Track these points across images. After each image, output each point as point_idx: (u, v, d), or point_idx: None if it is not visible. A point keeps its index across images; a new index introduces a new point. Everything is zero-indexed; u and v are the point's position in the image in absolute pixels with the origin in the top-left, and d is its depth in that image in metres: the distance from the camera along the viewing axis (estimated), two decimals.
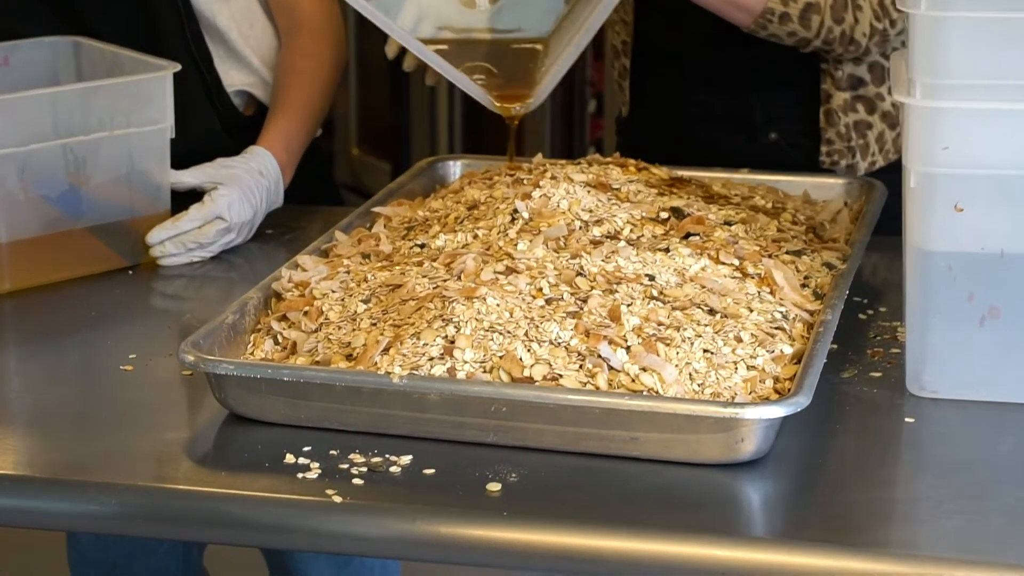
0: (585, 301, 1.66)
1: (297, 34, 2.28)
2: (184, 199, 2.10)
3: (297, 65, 2.26)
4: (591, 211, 1.82)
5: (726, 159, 2.16)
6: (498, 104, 2.07)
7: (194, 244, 2.07)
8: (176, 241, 2.07)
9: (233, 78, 2.30)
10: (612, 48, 2.37)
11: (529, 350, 1.59)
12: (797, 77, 2.19)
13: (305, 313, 1.72)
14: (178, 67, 2.05)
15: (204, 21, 2.27)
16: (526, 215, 1.81)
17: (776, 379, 1.61)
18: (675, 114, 2.27)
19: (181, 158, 2.11)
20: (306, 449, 1.56)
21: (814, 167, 2.20)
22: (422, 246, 1.83)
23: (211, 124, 2.27)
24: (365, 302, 1.72)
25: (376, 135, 4.75)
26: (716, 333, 1.63)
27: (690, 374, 1.58)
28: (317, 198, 2.34)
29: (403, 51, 2.09)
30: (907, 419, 1.64)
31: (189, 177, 2.10)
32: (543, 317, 1.63)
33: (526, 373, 1.57)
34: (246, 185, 2.12)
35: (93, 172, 2.02)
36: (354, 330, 1.67)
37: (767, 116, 2.23)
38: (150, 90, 2.04)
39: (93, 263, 2.03)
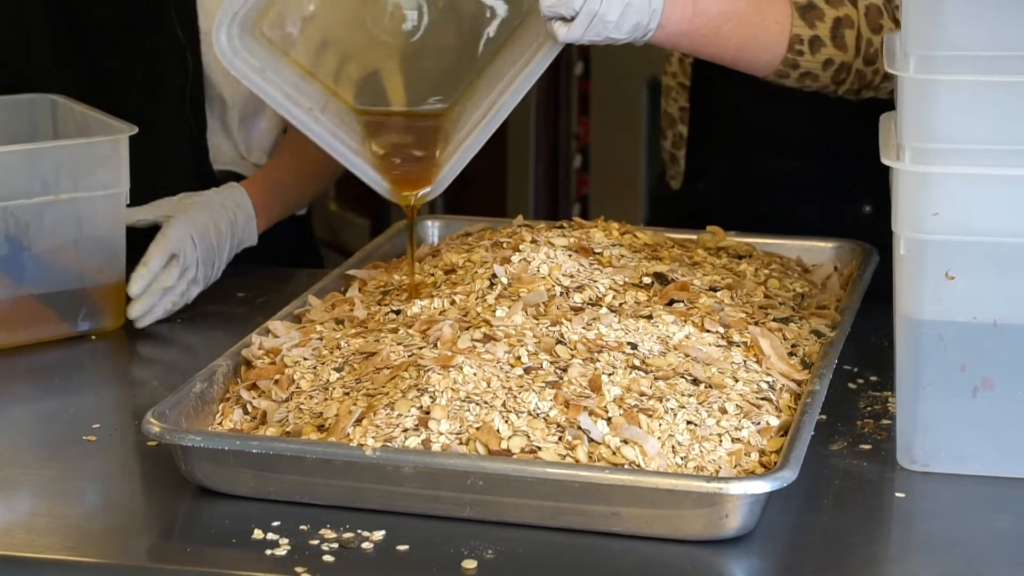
0: (565, 370, 1.62)
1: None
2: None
3: (299, 146, 2.20)
4: (572, 276, 1.79)
5: (814, 231, 2.06)
6: (393, 190, 1.89)
7: (163, 291, 2.00)
8: (149, 294, 2.00)
9: (224, 155, 2.25)
10: (667, 116, 2.25)
11: (507, 421, 1.55)
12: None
13: (276, 382, 1.69)
14: (135, 130, 1.98)
15: (211, 90, 2.23)
16: (505, 280, 1.78)
17: (762, 452, 1.57)
18: (756, 185, 2.18)
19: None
20: (275, 524, 1.52)
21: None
22: (397, 312, 1.79)
23: (189, 189, 2.21)
24: (338, 370, 1.68)
25: (354, 190, 4.70)
26: (700, 404, 1.60)
27: (673, 447, 1.55)
28: (298, 260, 2.29)
29: None
30: (898, 494, 1.60)
31: (147, 212, 2.04)
32: (521, 387, 1.59)
33: (503, 445, 1.53)
34: (200, 218, 2.05)
35: (37, 237, 1.96)
36: (326, 399, 1.63)
37: (862, 186, 2.14)
38: (102, 153, 1.97)
39: (40, 330, 1.97)
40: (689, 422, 1.57)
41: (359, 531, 1.51)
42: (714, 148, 2.21)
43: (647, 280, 1.80)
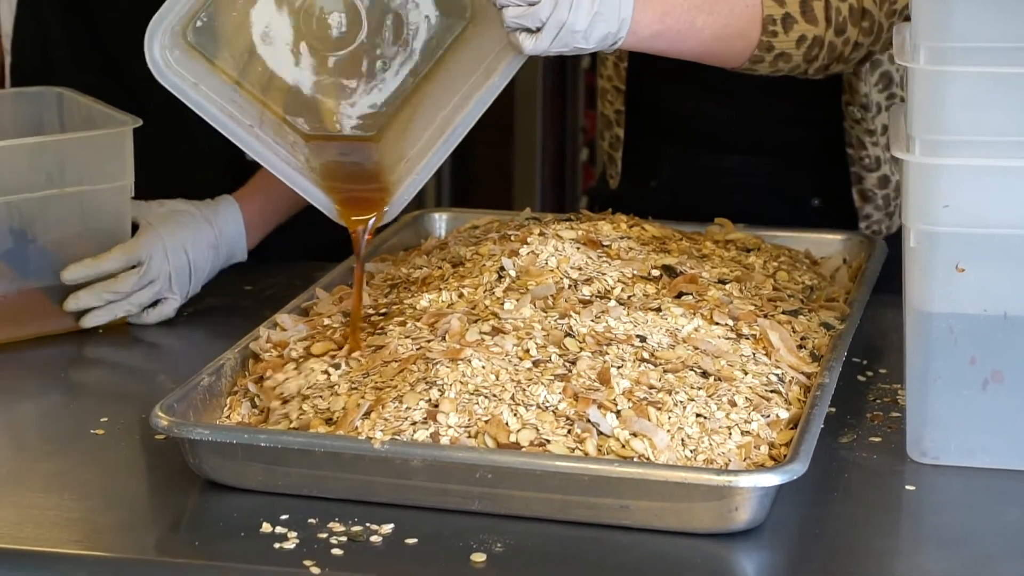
0: (574, 363, 1.61)
1: None
2: None
3: None
4: (580, 269, 1.78)
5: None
6: (341, 213, 1.76)
7: (113, 295, 1.96)
8: (93, 291, 1.95)
9: None
10: (603, 118, 2.25)
11: (515, 414, 1.55)
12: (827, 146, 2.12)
13: None
14: (139, 122, 1.96)
15: None
16: (513, 273, 1.77)
17: (771, 445, 1.56)
18: (704, 183, 2.19)
19: None
20: (284, 517, 1.52)
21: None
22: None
23: (223, 180, 2.19)
24: (346, 364, 1.67)
25: None
26: (709, 397, 1.59)
27: (682, 440, 1.54)
28: (327, 254, 2.28)
29: None
30: (908, 487, 1.60)
31: (135, 210, 2.01)
32: (530, 380, 1.58)
33: (512, 438, 1.53)
34: (180, 233, 2.01)
35: (42, 230, 1.95)
36: (334, 393, 1.62)
37: (809, 180, 2.16)
38: (106, 146, 1.96)
39: (45, 324, 1.96)
40: (698, 415, 1.57)
41: (368, 524, 1.50)
42: (659, 148, 2.22)
43: (655, 273, 1.80)
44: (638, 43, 1.76)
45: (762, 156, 2.18)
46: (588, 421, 1.54)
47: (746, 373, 1.64)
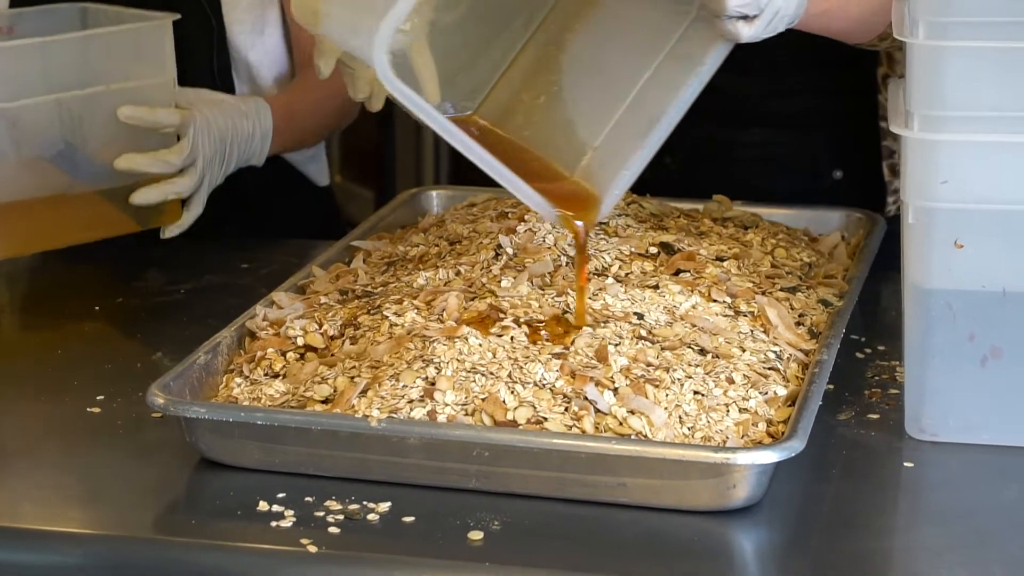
0: (571, 341, 1.60)
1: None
2: None
3: (316, 81, 2.17)
4: None
5: (784, 201, 2.05)
6: (563, 216, 1.63)
7: (166, 165, 1.98)
8: (147, 155, 1.96)
9: None
10: None
11: (513, 392, 1.54)
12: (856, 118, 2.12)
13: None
14: (177, 16, 1.97)
15: (236, 54, 2.22)
16: (510, 251, 1.77)
17: (769, 422, 1.56)
18: (723, 159, 2.19)
19: None
20: (280, 496, 1.51)
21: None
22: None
23: None
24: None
25: (359, 162, 4.70)
26: (707, 374, 1.59)
27: (680, 417, 1.54)
28: (321, 233, 2.28)
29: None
30: (906, 464, 1.60)
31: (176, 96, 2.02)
32: (527, 358, 1.58)
33: (509, 416, 1.52)
34: (221, 120, 2.03)
35: (91, 130, 1.94)
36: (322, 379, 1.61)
37: (831, 153, 2.16)
38: (148, 41, 1.96)
39: (101, 227, 1.97)
40: (696, 392, 1.56)
41: (365, 502, 1.50)
42: (678, 124, 2.20)
43: (653, 250, 1.79)
44: (805, 21, 1.74)
45: (781, 129, 2.18)
46: (585, 399, 1.54)
47: (744, 350, 1.63)
